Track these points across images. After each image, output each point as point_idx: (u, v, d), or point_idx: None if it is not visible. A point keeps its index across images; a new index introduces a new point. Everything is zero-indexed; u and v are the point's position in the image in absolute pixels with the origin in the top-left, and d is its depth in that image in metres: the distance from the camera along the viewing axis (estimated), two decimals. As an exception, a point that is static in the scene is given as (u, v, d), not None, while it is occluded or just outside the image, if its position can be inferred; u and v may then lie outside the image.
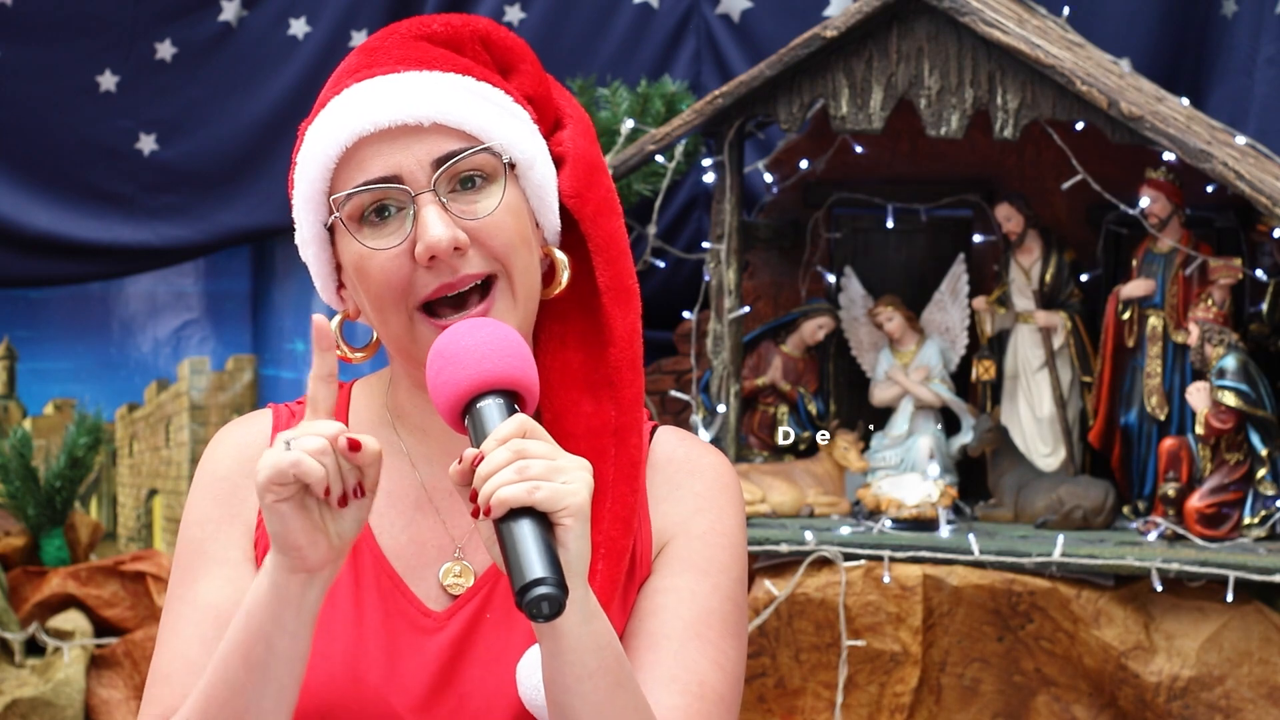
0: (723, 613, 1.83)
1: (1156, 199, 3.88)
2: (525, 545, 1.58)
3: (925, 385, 4.15)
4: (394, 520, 1.86)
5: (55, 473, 4.85)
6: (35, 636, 4.62)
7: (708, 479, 1.89)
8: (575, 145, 1.87)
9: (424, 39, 1.84)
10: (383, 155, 1.77)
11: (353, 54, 1.86)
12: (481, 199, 1.78)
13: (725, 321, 4.04)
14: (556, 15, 4.76)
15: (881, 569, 3.71)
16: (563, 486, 1.61)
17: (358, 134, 1.77)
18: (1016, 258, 4.08)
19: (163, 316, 5.22)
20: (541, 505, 1.59)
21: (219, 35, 4.92)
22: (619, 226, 1.87)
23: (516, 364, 1.69)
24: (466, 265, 1.77)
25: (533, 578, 1.56)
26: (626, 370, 1.85)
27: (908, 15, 3.81)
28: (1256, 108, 4.32)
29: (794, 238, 4.36)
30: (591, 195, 1.86)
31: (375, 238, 1.78)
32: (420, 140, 1.77)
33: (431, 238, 1.74)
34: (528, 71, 1.87)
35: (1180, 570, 3.60)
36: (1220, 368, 3.78)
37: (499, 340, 1.70)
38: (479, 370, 1.67)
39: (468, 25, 1.86)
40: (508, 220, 1.78)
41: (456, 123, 1.78)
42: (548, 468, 1.61)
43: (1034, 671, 3.70)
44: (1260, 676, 3.59)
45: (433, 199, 1.76)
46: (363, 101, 1.78)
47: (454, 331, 1.71)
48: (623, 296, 1.86)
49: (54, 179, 4.97)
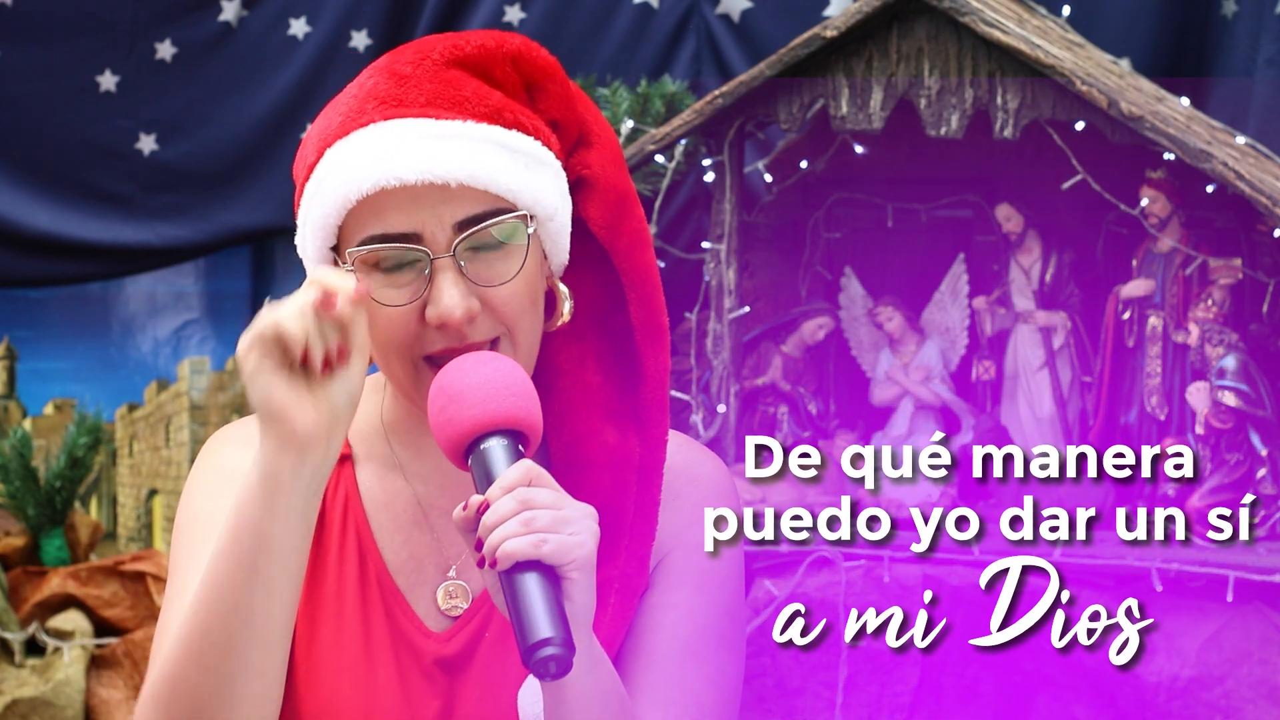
0: (719, 629, 1.81)
1: (1156, 199, 3.88)
2: (532, 602, 1.56)
3: (925, 385, 4.15)
4: (393, 535, 1.84)
5: (55, 473, 4.85)
6: (35, 636, 4.62)
7: (705, 488, 1.87)
8: (605, 171, 1.82)
9: (457, 64, 1.78)
10: (404, 210, 1.71)
11: (381, 72, 1.80)
12: (500, 263, 1.74)
13: (725, 321, 4.04)
14: (556, 15, 4.76)
15: (881, 569, 3.71)
16: (569, 539, 1.59)
17: (380, 185, 1.71)
18: (1016, 258, 4.08)
19: (163, 316, 5.22)
20: (549, 559, 1.57)
21: (219, 35, 4.92)
22: (651, 259, 1.83)
23: (521, 404, 1.66)
24: (475, 332, 1.73)
25: (541, 638, 1.54)
26: (655, 409, 1.82)
27: (908, 15, 3.81)
28: (1256, 108, 4.32)
29: (794, 238, 4.36)
30: (625, 228, 1.82)
31: (386, 288, 1.73)
32: (446, 201, 1.72)
33: (445, 307, 1.71)
34: (555, 92, 1.81)
35: (1180, 570, 3.60)
36: (1220, 368, 3.78)
37: (503, 377, 1.67)
38: (483, 410, 1.64)
39: (501, 46, 1.80)
40: (521, 288, 1.74)
41: (485, 184, 1.72)
42: (554, 519, 1.59)
43: (1034, 670, 3.70)
44: (1260, 676, 3.59)
45: (451, 265, 1.71)
46: (389, 148, 1.72)
47: (457, 367, 1.68)
48: (655, 334, 1.82)
49: (54, 179, 4.96)
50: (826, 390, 4.32)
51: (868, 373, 4.27)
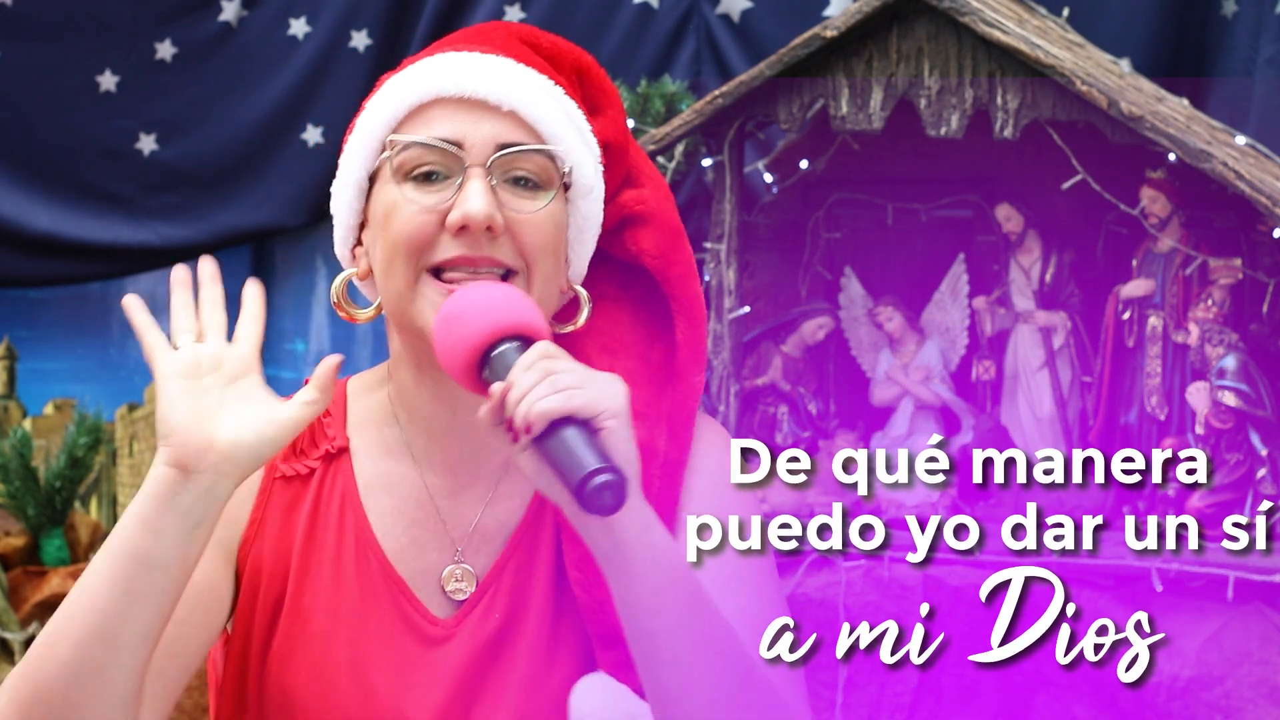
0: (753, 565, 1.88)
1: (1156, 199, 3.88)
2: (574, 446, 1.58)
3: (925, 385, 4.15)
4: (396, 521, 1.84)
5: (55, 473, 4.85)
6: (35, 636, 4.62)
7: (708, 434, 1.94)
8: (660, 207, 1.89)
9: (530, 44, 1.85)
10: (453, 119, 1.77)
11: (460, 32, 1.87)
12: (529, 198, 1.78)
13: (725, 321, 4.04)
14: (556, 15, 4.76)
15: (881, 569, 3.71)
16: (599, 391, 1.61)
17: (437, 93, 1.77)
18: (1016, 258, 4.08)
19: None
20: (582, 411, 1.60)
21: (219, 35, 4.92)
22: (699, 291, 1.91)
23: (527, 312, 1.69)
24: (493, 249, 1.76)
25: (590, 469, 1.56)
26: (685, 415, 1.87)
27: (908, 15, 3.81)
28: (1256, 108, 4.32)
29: (794, 238, 4.36)
30: (677, 258, 1.88)
31: (415, 191, 1.77)
32: (493, 119, 1.77)
33: (470, 208, 1.73)
34: (613, 118, 1.88)
35: (1180, 570, 3.60)
36: (1220, 368, 3.78)
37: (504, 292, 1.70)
38: (489, 320, 1.67)
39: (572, 53, 1.87)
40: (546, 225, 1.78)
41: (534, 119, 1.78)
42: (579, 377, 1.62)
43: (1034, 671, 3.70)
44: (1260, 676, 3.59)
45: (482, 174, 1.75)
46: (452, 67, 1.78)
47: (457, 295, 1.71)
48: (697, 356, 1.89)
49: (54, 179, 4.96)
50: (826, 390, 4.33)
51: (868, 373, 4.27)
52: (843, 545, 3.80)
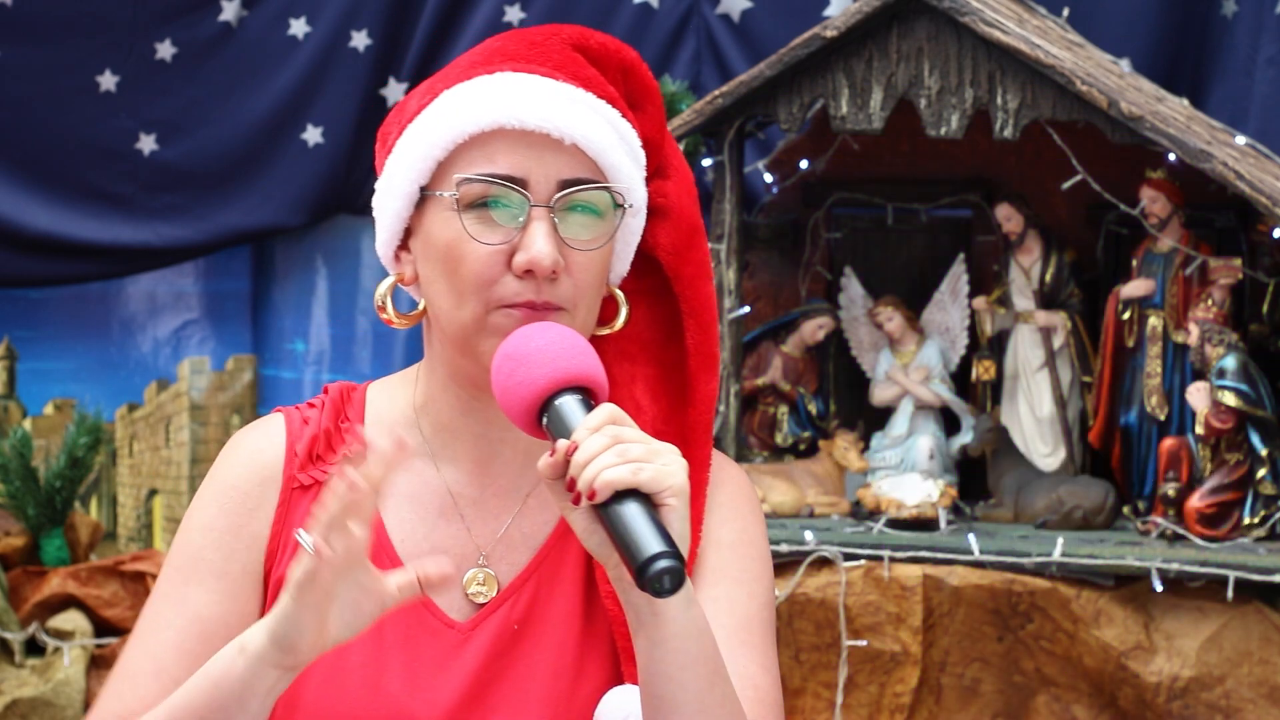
0: (761, 618, 1.84)
1: (1156, 199, 3.88)
2: (638, 523, 1.59)
3: (925, 385, 4.15)
4: (416, 526, 1.84)
5: (55, 473, 4.85)
6: (35, 636, 4.62)
7: (730, 490, 1.90)
8: (680, 202, 1.89)
9: (582, 50, 1.84)
10: (517, 154, 1.76)
11: (510, 38, 1.84)
12: (588, 231, 1.78)
13: (725, 321, 4.04)
14: (556, 15, 4.76)
15: (881, 569, 3.71)
16: (664, 467, 1.62)
17: (500, 124, 1.76)
18: (1016, 258, 4.08)
19: (163, 316, 5.22)
20: (647, 486, 1.60)
21: (219, 35, 4.92)
22: (712, 292, 1.90)
23: (590, 362, 1.70)
24: (553, 291, 1.76)
25: (654, 552, 1.57)
26: (702, 432, 1.86)
27: (908, 15, 3.81)
28: (1256, 108, 4.32)
29: (794, 238, 4.36)
30: (691, 257, 1.89)
31: (478, 226, 1.76)
32: (556, 154, 1.77)
33: (537, 253, 1.74)
34: (652, 115, 1.88)
35: (1180, 570, 3.60)
36: (1220, 368, 3.78)
37: (568, 339, 1.71)
38: (554, 368, 1.68)
39: (620, 52, 1.86)
40: (598, 263, 1.79)
41: (595, 152, 1.78)
42: (647, 450, 1.62)
43: (1034, 671, 3.70)
44: (1260, 676, 3.59)
45: (546, 214, 1.75)
46: (515, 93, 1.77)
47: (522, 334, 1.72)
48: (709, 361, 1.87)
49: (54, 179, 4.96)
50: (826, 390, 4.33)
51: (868, 373, 4.27)
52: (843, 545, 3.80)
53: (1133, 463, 3.99)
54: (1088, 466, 4.09)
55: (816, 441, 4.18)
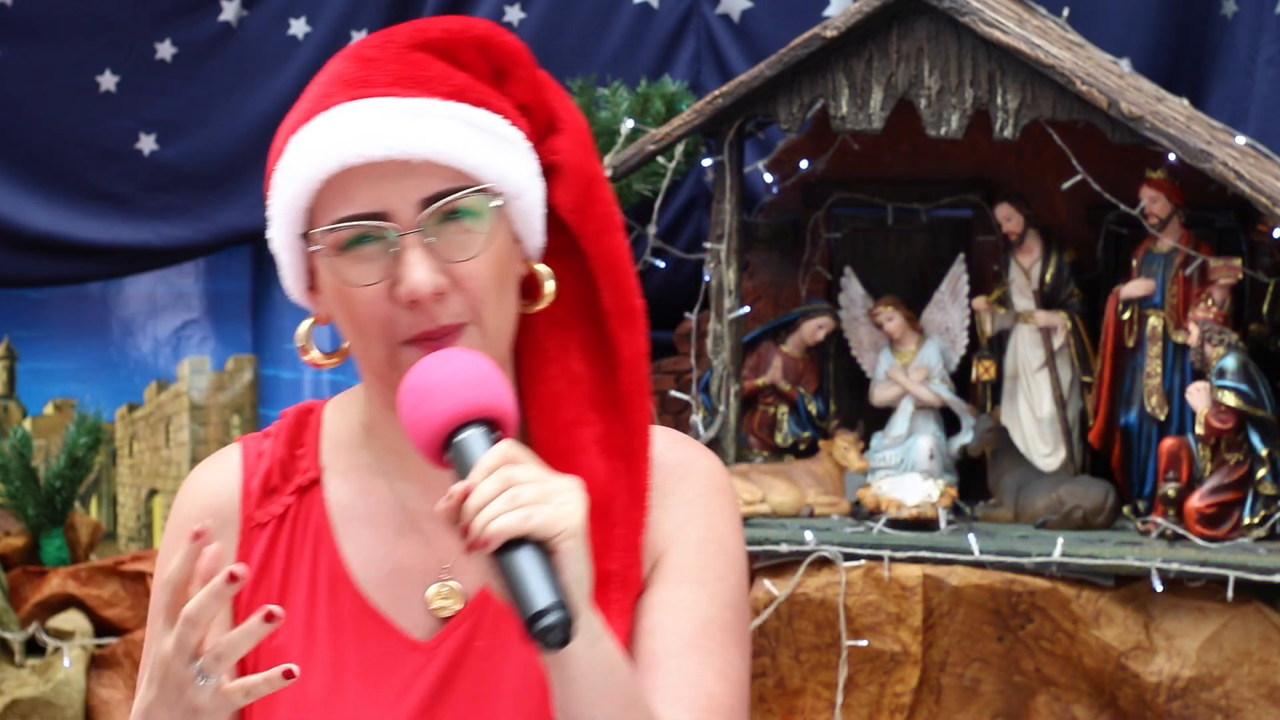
0: (723, 621, 1.78)
1: (1156, 199, 3.88)
2: (527, 575, 1.54)
3: (925, 385, 4.15)
4: (375, 549, 1.79)
5: (55, 473, 4.85)
6: (35, 636, 4.62)
7: (700, 484, 1.83)
8: (572, 155, 1.80)
9: (421, 47, 1.77)
10: (370, 188, 1.70)
11: (346, 58, 1.79)
12: (467, 239, 1.72)
13: (725, 321, 4.04)
14: (556, 15, 4.76)
15: (881, 569, 3.71)
16: (557, 510, 1.57)
17: (345, 164, 1.70)
18: (1016, 258, 4.08)
19: (163, 316, 5.22)
20: (538, 532, 1.55)
21: (219, 35, 4.92)
22: (621, 242, 1.81)
23: (493, 391, 1.64)
24: (444, 313, 1.70)
25: (540, 607, 1.53)
26: (635, 394, 1.79)
27: (908, 15, 3.81)
28: (1256, 108, 4.32)
29: (794, 238, 4.36)
30: (592, 211, 1.79)
31: (355, 267, 1.71)
32: (411, 176, 1.70)
33: (413, 283, 1.68)
34: (523, 78, 1.79)
35: (1180, 570, 3.60)
36: (1220, 368, 3.78)
37: (471, 369, 1.65)
38: (455, 402, 1.62)
39: (467, 31, 1.78)
40: (488, 266, 1.72)
41: (449, 160, 1.71)
42: (540, 492, 1.57)
43: (1034, 671, 3.70)
44: (1260, 676, 3.59)
45: (418, 240, 1.70)
46: (353, 128, 1.71)
47: (424, 366, 1.66)
48: (629, 318, 1.79)
49: (54, 179, 4.96)
50: (826, 390, 4.33)
51: (868, 373, 4.27)
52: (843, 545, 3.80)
53: (1133, 463, 3.99)
54: (1088, 466, 4.09)
55: (816, 441, 4.18)
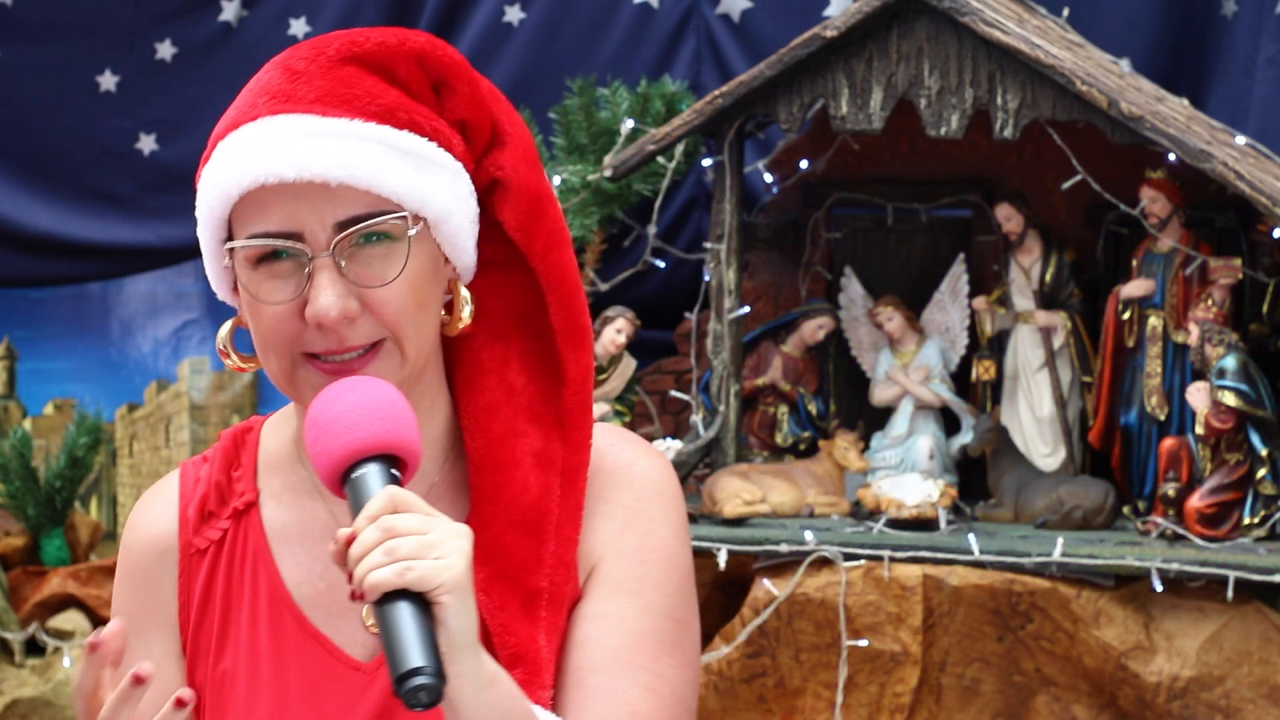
0: (656, 632, 1.73)
1: (1156, 199, 3.88)
2: (400, 632, 1.52)
3: (925, 385, 4.15)
4: (310, 566, 1.77)
5: (55, 473, 4.85)
6: (35, 636, 4.62)
7: (638, 489, 1.79)
8: (516, 172, 1.76)
9: (352, 60, 1.74)
10: (286, 207, 1.68)
11: (276, 67, 1.76)
12: (381, 264, 1.69)
13: (725, 321, 4.04)
14: (556, 15, 4.76)
15: (881, 569, 3.71)
16: (436, 563, 1.54)
17: (260, 181, 1.68)
18: (1016, 258, 4.08)
19: (163, 316, 5.22)
20: (415, 586, 1.53)
21: (219, 35, 4.92)
22: (569, 259, 1.78)
23: (390, 426, 1.61)
24: (354, 334, 1.68)
25: (408, 668, 1.50)
26: (579, 412, 1.76)
27: (908, 15, 3.81)
28: (1256, 108, 4.32)
29: (794, 238, 4.36)
30: (539, 229, 1.76)
31: (268, 283, 1.69)
32: (326, 199, 1.67)
33: (321, 306, 1.66)
34: (463, 91, 1.75)
35: (1180, 570, 3.60)
36: (1220, 368, 3.78)
37: (371, 402, 1.62)
38: (351, 438, 1.60)
39: (404, 44, 1.74)
40: (404, 291, 1.69)
41: (367, 184, 1.68)
42: (419, 544, 1.54)
43: (1034, 671, 3.70)
44: (1260, 676, 3.59)
45: (329, 264, 1.67)
46: (272, 145, 1.69)
47: (326, 397, 1.64)
48: (576, 336, 1.77)
49: (54, 179, 4.97)
50: (826, 390, 4.33)
51: (868, 373, 4.27)
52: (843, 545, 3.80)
53: (1133, 463, 3.99)
54: (1088, 466, 4.09)
55: (816, 441, 4.18)
